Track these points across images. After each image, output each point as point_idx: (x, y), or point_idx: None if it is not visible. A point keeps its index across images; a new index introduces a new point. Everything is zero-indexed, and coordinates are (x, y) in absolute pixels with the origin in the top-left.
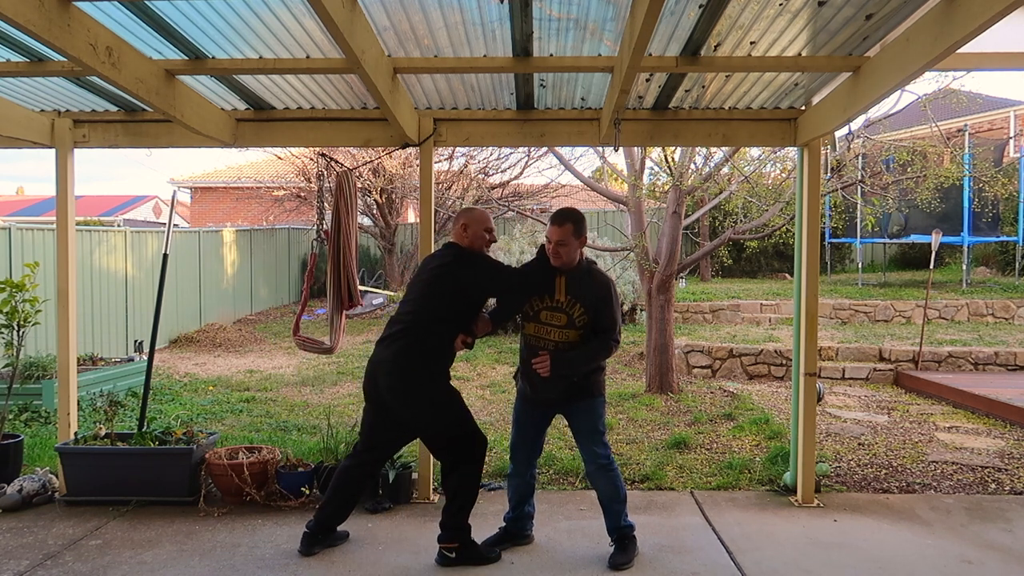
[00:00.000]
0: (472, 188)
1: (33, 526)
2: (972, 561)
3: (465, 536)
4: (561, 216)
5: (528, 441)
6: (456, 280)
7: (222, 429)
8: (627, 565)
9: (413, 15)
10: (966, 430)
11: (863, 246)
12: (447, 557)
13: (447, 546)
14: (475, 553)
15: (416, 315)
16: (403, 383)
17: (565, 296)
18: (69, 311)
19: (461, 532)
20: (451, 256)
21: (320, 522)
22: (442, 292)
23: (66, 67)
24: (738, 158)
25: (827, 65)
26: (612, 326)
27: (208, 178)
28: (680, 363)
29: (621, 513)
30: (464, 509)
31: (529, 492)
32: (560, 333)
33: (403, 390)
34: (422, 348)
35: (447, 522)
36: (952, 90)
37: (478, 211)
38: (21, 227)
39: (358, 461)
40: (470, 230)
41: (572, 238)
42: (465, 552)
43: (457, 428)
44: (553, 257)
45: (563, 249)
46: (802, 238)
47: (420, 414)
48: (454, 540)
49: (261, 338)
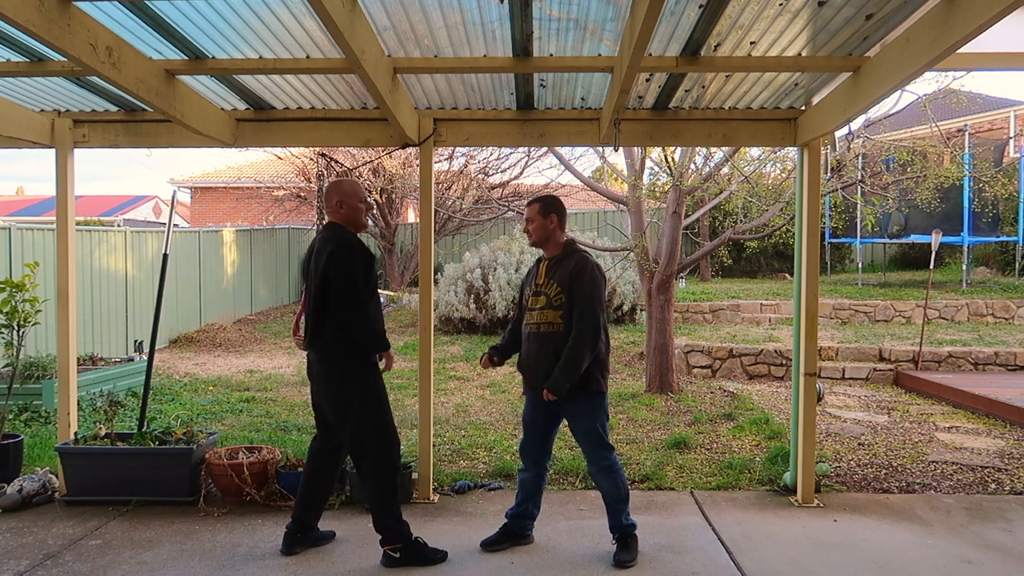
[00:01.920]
0: (472, 188)
1: (33, 526)
2: (972, 561)
3: (404, 535)
4: (532, 199)
5: (535, 443)
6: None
7: (222, 429)
8: (631, 563)
9: (413, 15)
10: (966, 430)
11: (863, 246)
12: (391, 558)
13: (390, 547)
14: (420, 553)
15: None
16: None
17: (544, 279)
18: (69, 311)
19: (398, 531)
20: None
21: (296, 519)
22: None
23: (66, 67)
24: (738, 158)
25: (827, 65)
26: (585, 302)
27: (208, 178)
28: (680, 363)
29: (623, 512)
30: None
31: (536, 491)
32: (540, 315)
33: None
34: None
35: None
36: (952, 90)
37: (347, 183)
38: (21, 227)
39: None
40: (345, 205)
41: (539, 216)
42: (409, 552)
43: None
44: (526, 235)
45: (531, 226)
46: (802, 238)
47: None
48: (394, 540)
49: (261, 338)
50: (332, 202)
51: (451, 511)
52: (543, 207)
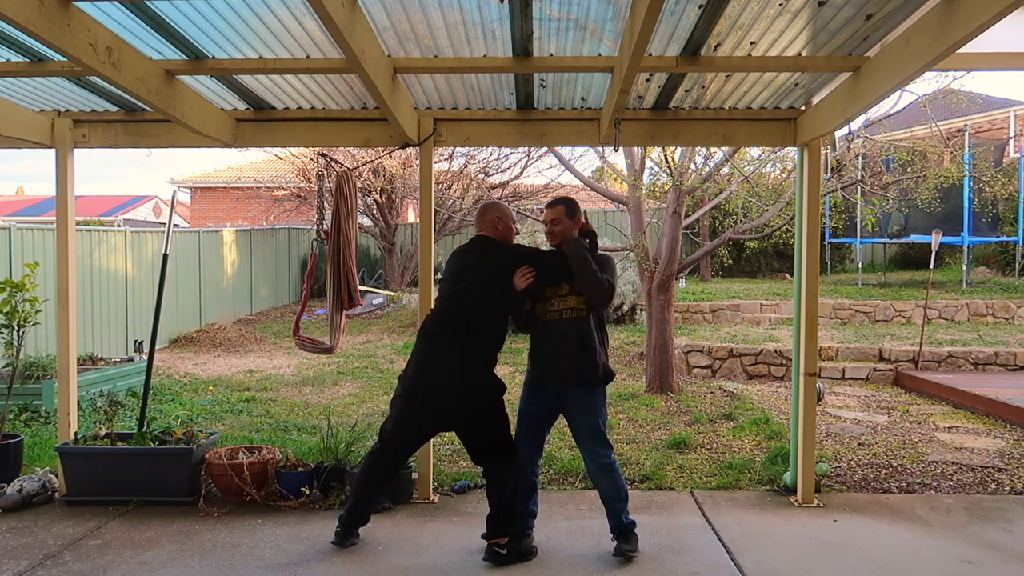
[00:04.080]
0: (472, 188)
1: (33, 526)
2: (972, 561)
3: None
4: (554, 200)
5: (532, 435)
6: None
7: (222, 429)
8: (632, 551)
9: (413, 15)
10: (966, 430)
11: (863, 246)
12: (498, 553)
13: (496, 541)
14: (518, 548)
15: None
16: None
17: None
18: (69, 311)
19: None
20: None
21: (351, 515)
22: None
23: (66, 67)
24: (738, 158)
25: (827, 65)
26: (609, 279)
27: (208, 178)
28: (680, 363)
29: (623, 511)
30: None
31: (531, 490)
32: (563, 301)
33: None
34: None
35: (491, 520)
36: (952, 90)
37: (504, 206)
38: (21, 227)
39: (387, 458)
40: (502, 223)
41: (565, 217)
42: (512, 546)
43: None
44: (550, 237)
45: (557, 228)
46: (802, 238)
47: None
48: (504, 535)
49: (261, 338)
50: (490, 217)
51: (451, 511)
52: (568, 209)
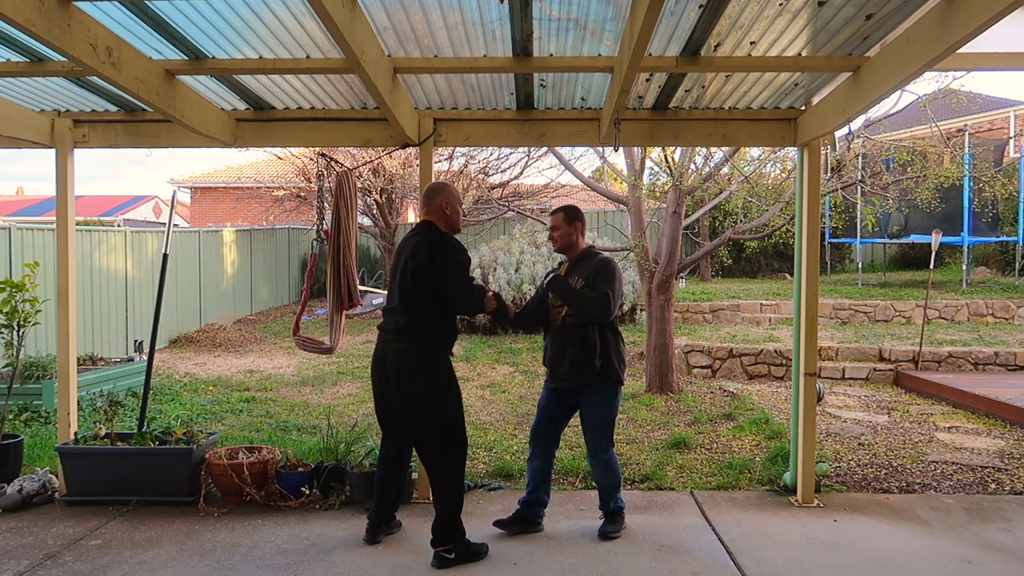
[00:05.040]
0: (472, 188)
1: (33, 526)
2: (972, 561)
3: (459, 536)
4: (555, 208)
5: (548, 427)
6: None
7: (222, 429)
8: (615, 534)
9: (413, 15)
10: (966, 430)
11: (863, 246)
12: (445, 559)
13: (443, 548)
14: (469, 550)
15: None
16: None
17: (567, 276)
18: (69, 311)
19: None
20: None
21: (379, 512)
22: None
23: (66, 67)
24: (738, 158)
25: (827, 65)
26: (606, 284)
27: (208, 178)
28: (680, 363)
29: (614, 498)
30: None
31: (545, 478)
32: (563, 309)
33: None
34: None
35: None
36: (952, 90)
37: (452, 187)
38: (21, 227)
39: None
40: (450, 207)
41: (564, 223)
42: (460, 550)
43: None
44: (552, 241)
45: (556, 233)
46: (802, 238)
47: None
48: (449, 542)
49: (261, 338)
50: (438, 202)
51: None
52: (567, 216)
